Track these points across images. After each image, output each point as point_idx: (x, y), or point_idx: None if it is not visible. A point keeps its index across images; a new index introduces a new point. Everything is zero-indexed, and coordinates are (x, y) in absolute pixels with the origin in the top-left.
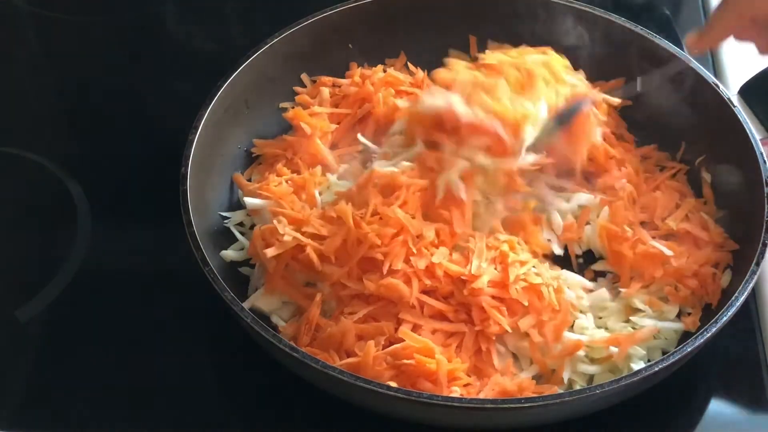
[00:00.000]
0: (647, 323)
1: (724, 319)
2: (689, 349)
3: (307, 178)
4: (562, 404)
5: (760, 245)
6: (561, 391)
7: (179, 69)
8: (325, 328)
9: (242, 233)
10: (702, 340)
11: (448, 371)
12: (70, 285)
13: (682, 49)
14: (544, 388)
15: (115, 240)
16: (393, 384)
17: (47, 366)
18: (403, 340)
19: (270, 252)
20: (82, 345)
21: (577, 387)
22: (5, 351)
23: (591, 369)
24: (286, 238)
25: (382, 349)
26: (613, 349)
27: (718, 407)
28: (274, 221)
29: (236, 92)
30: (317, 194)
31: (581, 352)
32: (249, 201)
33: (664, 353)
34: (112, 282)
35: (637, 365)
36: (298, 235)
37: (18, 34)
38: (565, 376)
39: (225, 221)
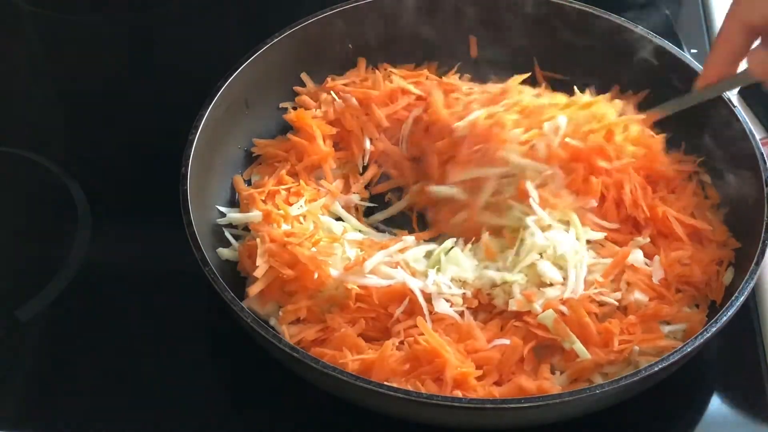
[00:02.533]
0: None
1: (725, 318)
2: (689, 349)
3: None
4: (562, 404)
5: (761, 245)
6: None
7: (179, 69)
8: (338, 328)
9: (237, 236)
10: (702, 340)
11: (457, 374)
12: (70, 285)
13: (682, 49)
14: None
15: (115, 240)
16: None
17: (47, 366)
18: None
19: (252, 291)
20: (82, 345)
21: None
22: (5, 351)
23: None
24: (259, 272)
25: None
26: (636, 348)
27: (717, 407)
28: (257, 240)
29: (236, 92)
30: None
31: None
32: (232, 216)
33: None
34: (112, 282)
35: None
36: (275, 264)
37: (18, 34)
38: (596, 379)
39: (219, 219)
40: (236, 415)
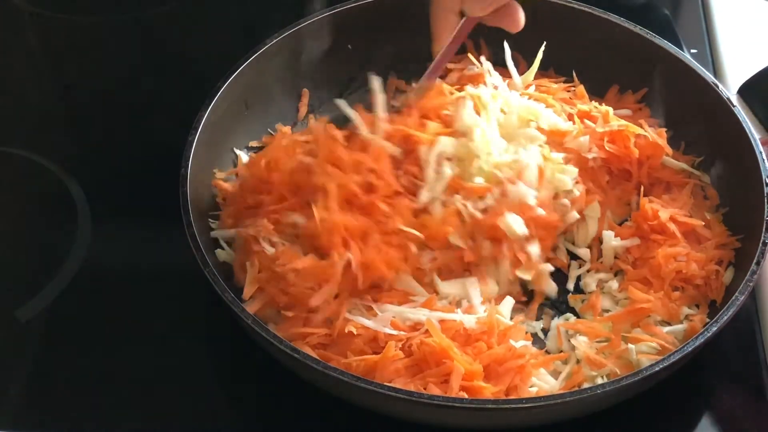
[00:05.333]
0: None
1: (725, 318)
2: (689, 349)
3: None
4: (563, 404)
5: (761, 244)
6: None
7: (179, 69)
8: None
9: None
10: (702, 340)
11: (465, 373)
12: (70, 285)
13: (682, 49)
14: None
15: (115, 240)
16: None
17: (47, 366)
18: None
19: (249, 309)
20: (82, 345)
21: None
22: (5, 351)
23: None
24: (249, 301)
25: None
26: (631, 347)
27: (718, 407)
28: (247, 264)
29: (236, 92)
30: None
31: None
32: (218, 233)
33: None
34: (112, 282)
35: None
36: (266, 287)
37: (18, 34)
38: (596, 379)
39: (212, 224)
40: (236, 414)
